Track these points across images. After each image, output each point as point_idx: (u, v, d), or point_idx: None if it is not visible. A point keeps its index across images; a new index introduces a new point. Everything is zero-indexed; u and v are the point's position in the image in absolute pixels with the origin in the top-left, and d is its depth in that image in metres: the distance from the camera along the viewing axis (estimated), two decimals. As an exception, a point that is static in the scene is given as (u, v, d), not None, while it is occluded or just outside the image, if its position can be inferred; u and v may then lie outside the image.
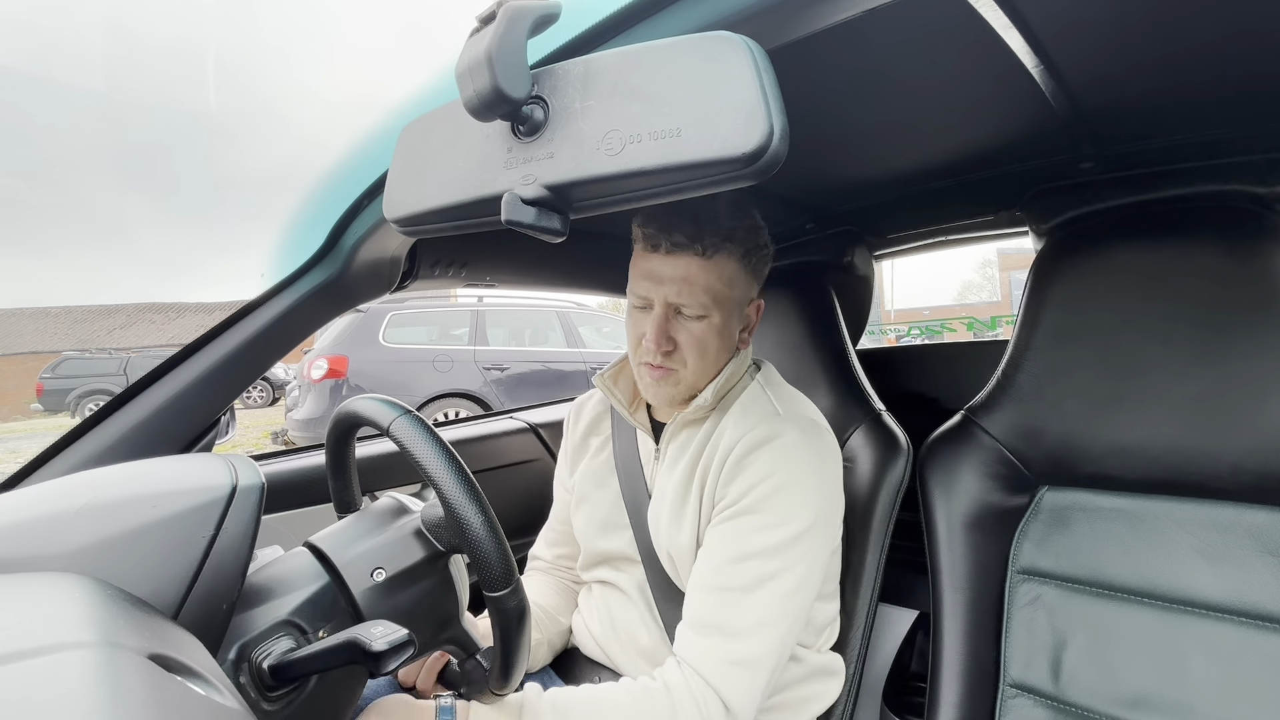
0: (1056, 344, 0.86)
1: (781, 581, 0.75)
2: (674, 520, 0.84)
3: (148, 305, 4.65)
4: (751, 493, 0.77)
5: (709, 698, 0.71)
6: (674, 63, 0.38)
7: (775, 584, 0.74)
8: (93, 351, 9.52)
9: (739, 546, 0.76)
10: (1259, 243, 0.74)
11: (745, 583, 0.74)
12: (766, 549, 0.75)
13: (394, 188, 0.51)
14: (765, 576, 0.74)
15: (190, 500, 0.52)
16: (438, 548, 0.67)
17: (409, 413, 0.63)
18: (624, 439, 0.94)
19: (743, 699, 0.72)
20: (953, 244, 1.45)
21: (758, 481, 0.77)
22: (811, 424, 0.83)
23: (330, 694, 0.61)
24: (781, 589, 0.75)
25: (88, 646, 0.34)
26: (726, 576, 0.75)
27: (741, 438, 0.79)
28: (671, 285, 0.78)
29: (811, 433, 0.82)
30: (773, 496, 0.76)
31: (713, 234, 0.77)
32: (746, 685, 0.72)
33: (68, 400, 9.05)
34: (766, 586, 0.74)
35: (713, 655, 0.73)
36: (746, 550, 0.75)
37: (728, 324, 0.82)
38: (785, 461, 0.77)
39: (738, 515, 0.77)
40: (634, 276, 0.83)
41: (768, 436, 0.78)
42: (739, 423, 0.82)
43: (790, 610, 0.75)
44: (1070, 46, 0.64)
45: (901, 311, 22.36)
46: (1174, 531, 0.77)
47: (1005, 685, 0.84)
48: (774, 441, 0.78)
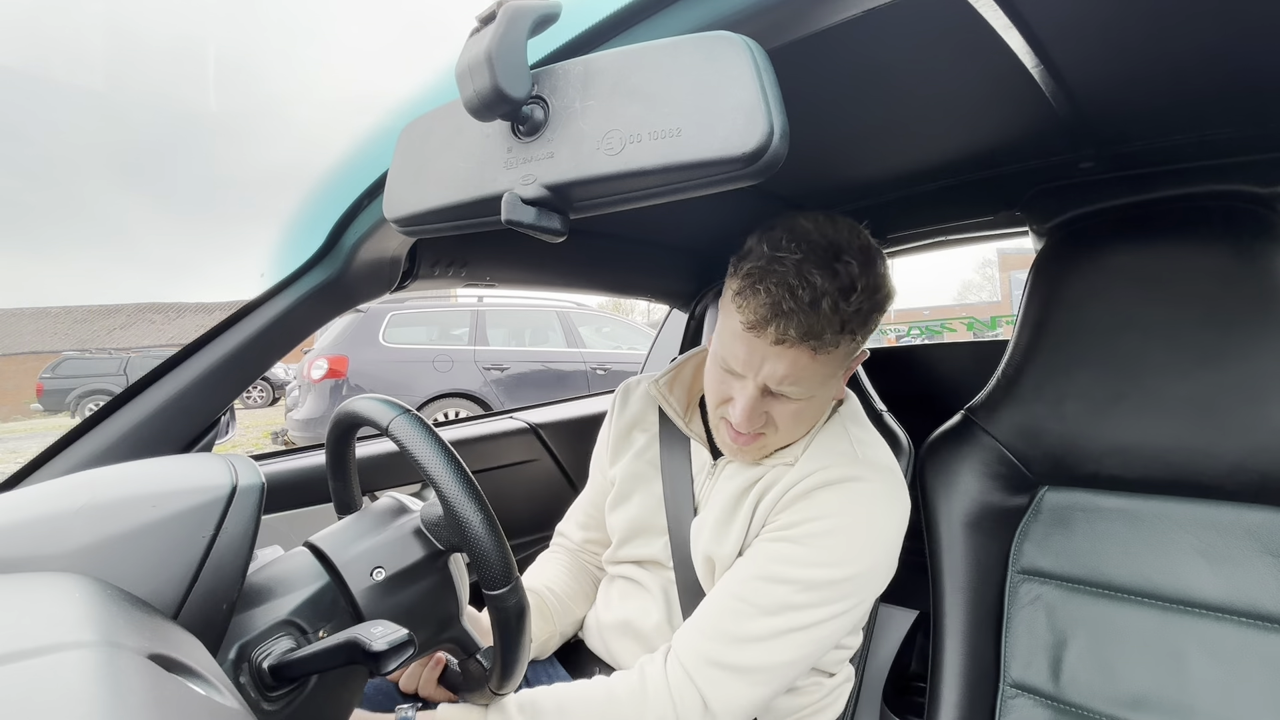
0: (1056, 344, 0.86)
1: (805, 616, 0.72)
2: (719, 530, 0.81)
3: (148, 305, 4.64)
4: (808, 524, 0.74)
5: (688, 693, 0.70)
6: (674, 63, 0.38)
7: (797, 616, 0.72)
8: (93, 351, 9.53)
9: (775, 569, 0.74)
10: (1259, 243, 0.74)
11: (768, 604, 0.73)
12: (802, 582, 0.73)
13: (394, 188, 0.51)
14: (789, 606, 0.72)
15: (190, 500, 0.52)
16: (437, 547, 0.67)
17: (408, 412, 0.63)
18: (673, 444, 0.90)
19: (725, 704, 0.71)
20: (953, 244, 1.45)
21: (818, 516, 0.74)
22: (889, 473, 0.79)
23: (330, 694, 0.61)
24: (802, 622, 0.72)
25: (88, 646, 0.34)
26: (751, 591, 0.74)
27: (814, 472, 0.76)
28: (773, 373, 0.70)
29: (886, 483, 0.78)
30: (829, 536, 0.74)
31: (830, 329, 0.68)
32: (733, 692, 0.71)
33: (68, 400, 9.05)
34: (787, 615, 0.72)
35: (707, 654, 0.72)
36: (782, 575, 0.73)
37: (824, 402, 0.77)
38: (851, 505, 0.75)
39: (786, 541, 0.75)
40: (726, 338, 0.74)
41: (841, 478, 0.75)
42: (814, 457, 0.78)
43: (803, 646, 0.73)
44: (1070, 46, 0.64)
45: (901, 311, 22.36)
46: (1174, 531, 0.77)
47: (1005, 685, 0.84)
48: (846, 484, 0.75)
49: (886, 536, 0.76)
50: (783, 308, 0.67)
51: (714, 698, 0.70)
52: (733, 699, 0.71)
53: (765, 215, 1.23)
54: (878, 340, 7.78)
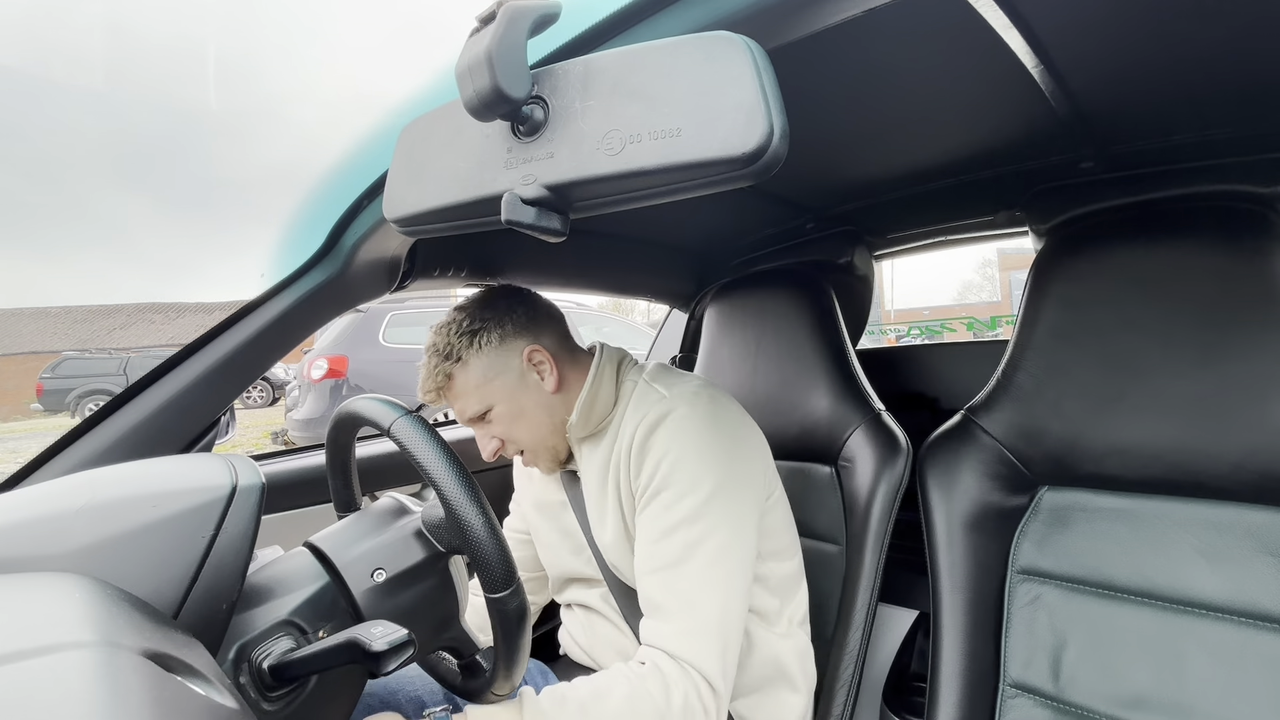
0: (1056, 344, 0.86)
1: (709, 545, 0.77)
2: (601, 522, 0.89)
3: (148, 305, 4.63)
4: (658, 472, 0.80)
5: (690, 675, 0.72)
6: (674, 63, 0.38)
7: (704, 547, 0.77)
8: (93, 351, 9.52)
9: (660, 523, 0.79)
10: (1259, 243, 0.74)
11: (676, 555, 0.77)
12: (685, 516, 0.78)
13: (394, 188, 0.51)
14: (692, 543, 0.77)
15: (190, 500, 0.52)
16: (438, 548, 0.67)
17: (410, 413, 0.63)
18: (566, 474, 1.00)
19: (716, 666, 0.74)
20: (953, 244, 1.45)
21: (660, 459, 0.80)
22: (696, 395, 0.85)
23: (330, 694, 0.61)
24: (712, 551, 0.77)
25: (87, 646, 0.34)
26: (658, 556, 0.78)
27: (638, 425, 0.83)
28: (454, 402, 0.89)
29: (699, 401, 0.84)
30: (676, 469, 0.79)
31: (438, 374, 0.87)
32: (714, 651, 0.74)
33: (68, 400, 9.04)
34: (696, 553, 0.77)
35: (674, 633, 0.75)
36: (669, 524, 0.78)
37: (512, 400, 0.89)
38: (679, 434, 0.81)
39: (653, 496, 0.81)
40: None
41: (658, 417, 0.82)
42: (632, 416, 0.86)
43: (729, 569, 0.77)
44: (1070, 46, 0.64)
45: (901, 311, 22.34)
46: (1174, 531, 0.77)
47: (1005, 685, 0.84)
48: (665, 420, 0.82)
49: (720, 443, 0.82)
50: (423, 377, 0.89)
51: (705, 666, 0.73)
52: (717, 658, 0.74)
53: (765, 215, 1.23)
54: (878, 340, 7.77)
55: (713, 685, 0.73)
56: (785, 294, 1.16)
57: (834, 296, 1.15)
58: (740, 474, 0.83)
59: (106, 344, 8.71)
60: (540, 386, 0.90)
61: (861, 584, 0.96)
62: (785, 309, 1.15)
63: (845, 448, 1.06)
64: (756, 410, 1.14)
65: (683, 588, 0.76)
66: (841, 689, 0.93)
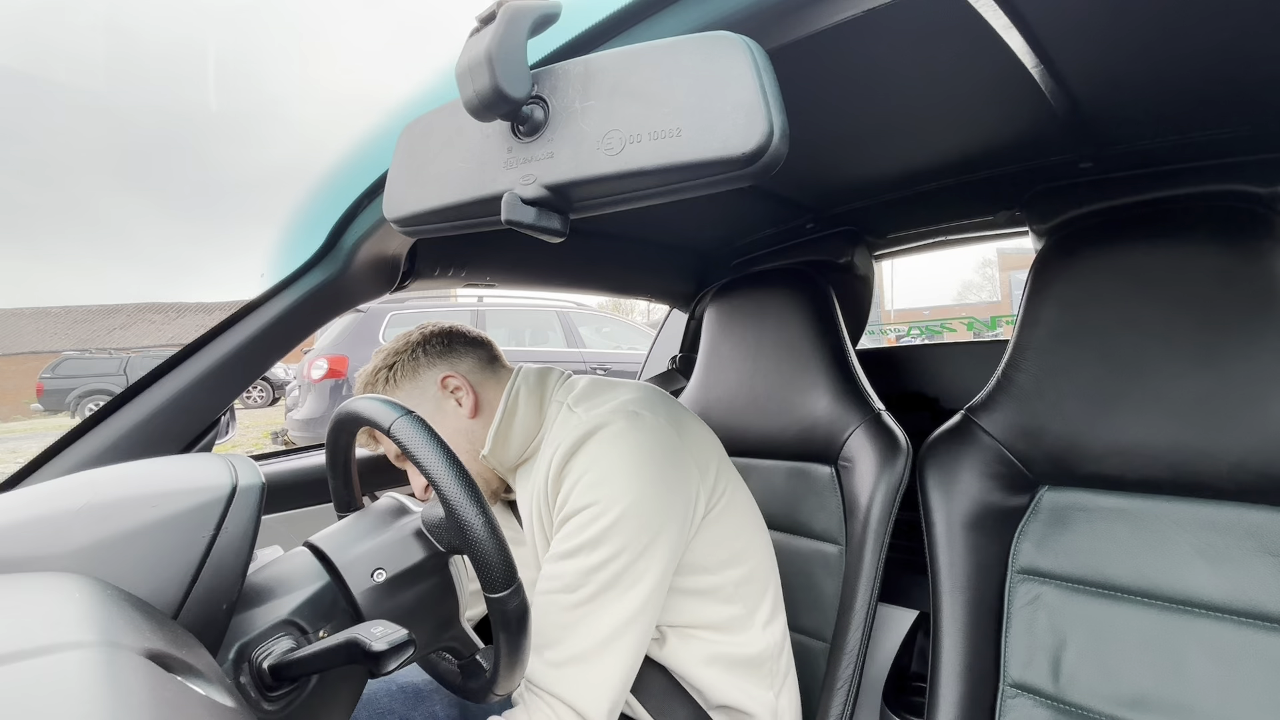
0: (1056, 344, 0.86)
1: (609, 569, 0.74)
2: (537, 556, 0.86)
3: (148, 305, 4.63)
4: (570, 497, 0.77)
5: (557, 709, 0.71)
6: (674, 63, 0.38)
7: (601, 573, 0.74)
8: (93, 351, 9.52)
9: (564, 547, 0.76)
10: (1259, 243, 0.74)
11: (570, 580, 0.74)
12: (587, 541, 0.75)
13: (394, 188, 0.51)
14: (589, 568, 0.74)
15: (190, 500, 0.52)
16: (438, 548, 0.67)
17: (410, 413, 0.63)
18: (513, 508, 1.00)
19: (591, 699, 0.71)
20: (953, 244, 1.46)
21: (574, 484, 0.77)
22: (615, 415, 0.81)
23: (330, 694, 0.61)
24: (608, 575, 0.73)
25: (87, 646, 0.34)
26: (551, 579, 0.76)
27: (554, 455, 0.80)
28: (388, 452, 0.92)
29: (616, 423, 0.80)
30: (587, 492, 0.76)
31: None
32: (591, 683, 0.71)
33: (68, 400, 9.04)
34: (591, 579, 0.74)
35: (548, 666, 0.72)
36: (568, 549, 0.76)
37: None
38: (593, 459, 0.78)
39: (562, 522, 0.78)
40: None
41: (573, 445, 0.79)
42: (549, 446, 0.84)
43: (630, 598, 0.74)
44: (1070, 47, 0.64)
45: (901, 311, 22.34)
46: (1174, 531, 0.77)
47: (1005, 685, 0.84)
48: (581, 447, 0.79)
49: (637, 465, 0.77)
50: None
51: (578, 698, 0.71)
52: (594, 690, 0.71)
53: (765, 215, 1.23)
54: (878, 341, 7.77)
55: (584, 717, 0.71)
56: (785, 294, 1.16)
57: (834, 296, 1.15)
58: (662, 495, 0.78)
59: (106, 344, 8.71)
60: (458, 412, 0.90)
61: (861, 584, 0.96)
62: (785, 309, 1.15)
63: (845, 448, 1.06)
64: (756, 410, 1.14)
65: (565, 616, 0.73)
66: (841, 689, 0.93)
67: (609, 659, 0.72)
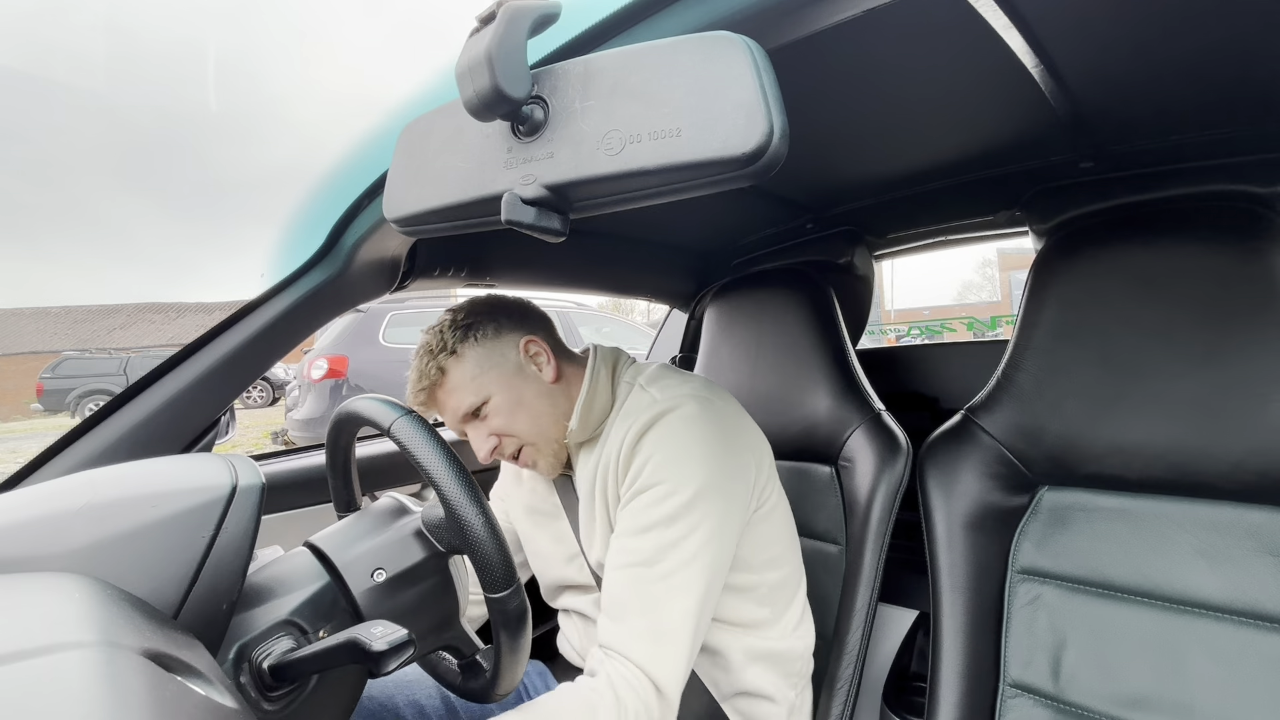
0: (1056, 344, 0.86)
1: (682, 549, 0.75)
2: (590, 530, 0.88)
3: (148, 305, 4.63)
4: (643, 472, 0.79)
5: (637, 679, 0.71)
6: (674, 63, 0.38)
7: (676, 551, 0.75)
8: (93, 351, 9.52)
9: (638, 521, 0.78)
10: (1259, 243, 0.74)
11: (648, 555, 0.75)
12: (664, 517, 0.76)
13: (394, 188, 0.51)
14: (667, 545, 0.75)
15: (190, 500, 0.52)
16: (438, 549, 0.67)
17: (410, 413, 0.63)
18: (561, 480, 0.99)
19: (668, 672, 0.72)
20: (953, 244, 1.45)
21: (646, 460, 0.79)
22: (688, 398, 0.83)
23: (330, 694, 0.61)
24: (684, 556, 0.75)
25: (87, 646, 0.34)
26: (631, 553, 0.77)
27: (628, 430, 0.82)
28: (443, 414, 0.89)
29: (689, 406, 0.82)
30: (661, 469, 0.78)
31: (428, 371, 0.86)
32: (669, 657, 0.73)
33: (68, 400, 9.04)
34: (669, 557, 0.75)
35: (630, 634, 0.73)
36: (645, 523, 0.77)
37: (510, 389, 0.87)
38: (667, 437, 0.80)
39: (635, 495, 0.79)
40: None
41: (649, 421, 0.81)
42: (622, 423, 0.85)
43: (697, 580, 0.75)
44: (1070, 47, 0.64)
45: (901, 311, 22.33)
46: (1174, 531, 0.77)
47: (1005, 685, 0.84)
48: (656, 423, 0.81)
49: (709, 447, 0.80)
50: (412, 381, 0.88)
51: (657, 672, 0.72)
52: (670, 665, 0.72)
53: (765, 215, 1.23)
54: (878, 341, 7.78)
55: (662, 691, 0.71)
56: (785, 294, 1.16)
57: (834, 296, 1.15)
58: (727, 482, 0.81)
59: (106, 344, 8.71)
60: (539, 377, 0.89)
61: (861, 584, 0.96)
62: (785, 309, 1.15)
63: (845, 448, 1.06)
64: (756, 410, 1.14)
65: (649, 589, 0.74)
66: (841, 689, 0.93)
67: (682, 634, 0.74)
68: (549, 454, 0.90)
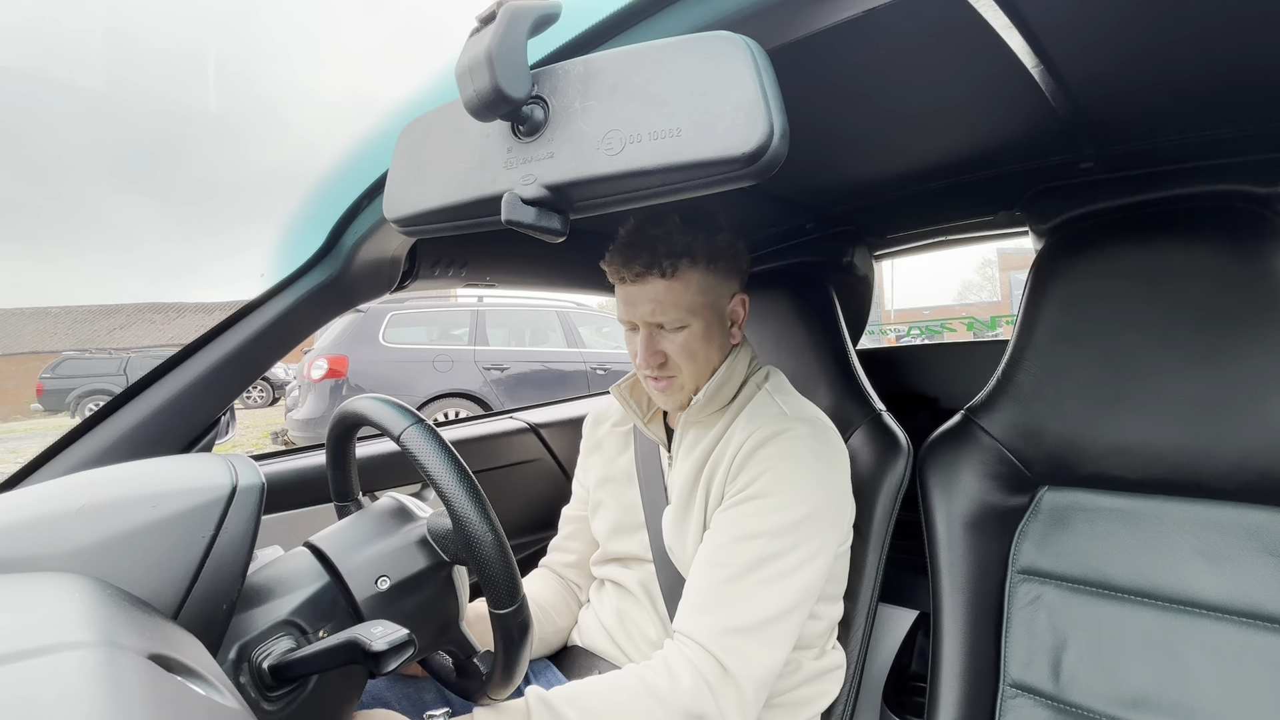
0: (1056, 344, 0.86)
1: (783, 562, 0.76)
2: (681, 518, 0.87)
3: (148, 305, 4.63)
4: (759, 480, 0.79)
5: (706, 662, 0.72)
6: (674, 63, 0.38)
7: (776, 563, 0.76)
8: (93, 351, 9.52)
9: (744, 527, 0.78)
10: (1259, 243, 0.74)
11: (748, 561, 0.76)
12: (771, 529, 0.77)
13: (394, 188, 0.51)
14: (768, 556, 0.76)
15: (190, 500, 0.52)
16: (442, 557, 0.67)
17: (420, 421, 0.62)
18: (645, 445, 0.98)
19: (741, 663, 0.72)
20: (953, 244, 1.45)
21: (765, 470, 0.79)
22: (817, 422, 0.86)
23: (330, 694, 0.61)
24: (783, 568, 0.76)
25: (88, 646, 0.34)
26: (730, 555, 0.77)
27: (751, 435, 0.82)
28: (645, 307, 0.84)
29: (818, 430, 0.84)
30: (779, 482, 0.79)
31: (668, 255, 0.81)
32: (750, 654, 0.73)
33: (68, 400, 9.04)
34: (768, 565, 0.76)
35: (712, 626, 0.74)
36: (751, 531, 0.77)
37: (710, 327, 0.86)
38: (791, 453, 0.80)
39: (744, 500, 0.79)
40: (617, 302, 0.88)
41: (775, 433, 0.81)
42: (748, 424, 0.84)
43: (791, 592, 0.76)
44: (1070, 46, 0.64)
45: (901, 311, 22.34)
46: (1174, 531, 0.77)
47: (1005, 685, 0.84)
48: (781, 436, 0.81)
49: (830, 475, 0.83)
50: (631, 252, 0.82)
51: (734, 666, 0.72)
52: (752, 661, 0.73)
53: (765, 215, 1.23)
54: (878, 341, 7.79)
55: (729, 671, 0.71)
56: (785, 294, 1.16)
57: (834, 296, 1.15)
58: (832, 511, 0.82)
59: (106, 344, 8.71)
60: (727, 334, 0.90)
61: (862, 584, 0.96)
62: (785, 309, 1.15)
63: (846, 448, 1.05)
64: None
65: (743, 589, 0.75)
66: (842, 689, 0.93)
67: (765, 633, 0.74)
68: (685, 398, 0.89)
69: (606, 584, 0.99)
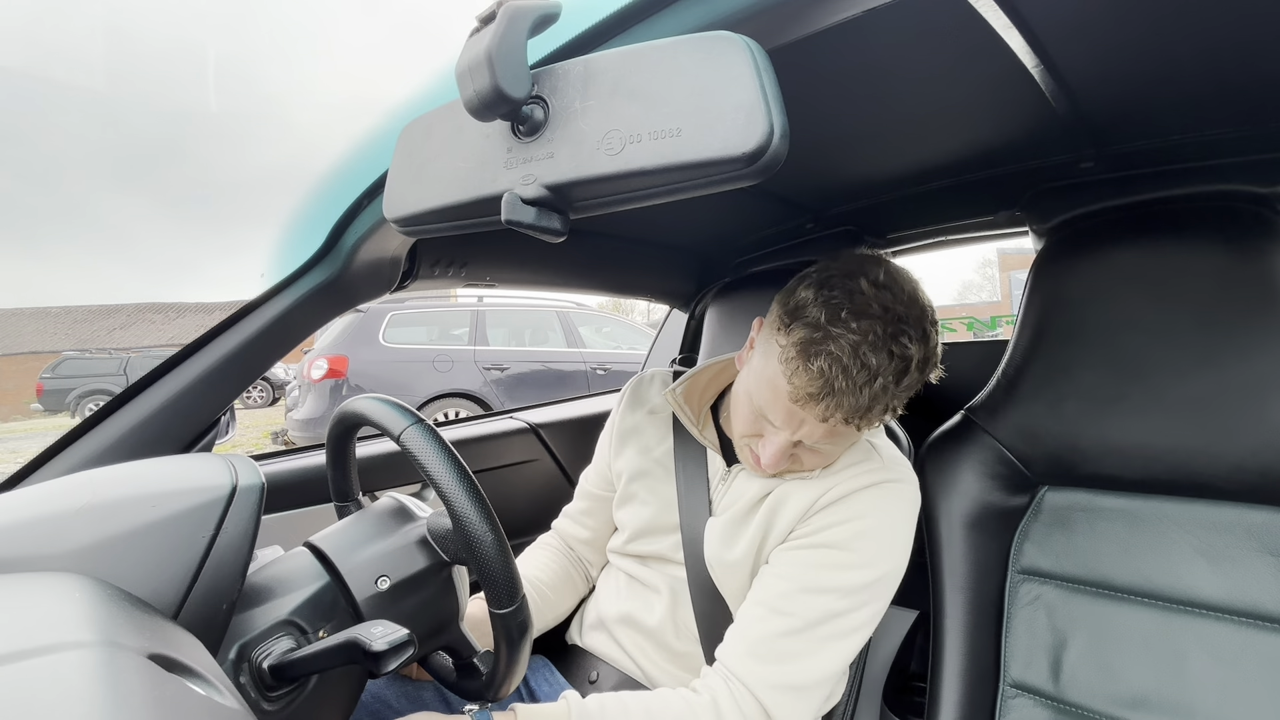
0: (1056, 344, 0.86)
1: (846, 621, 0.75)
2: (729, 534, 0.83)
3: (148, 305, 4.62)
4: (839, 528, 0.76)
5: (756, 714, 0.72)
6: (674, 63, 0.38)
7: (839, 622, 0.75)
8: (93, 351, 9.52)
9: (817, 579, 0.76)
10: (1259, 243, 0.74)
11: (815, 616, 0.75)
12: (843, 588, 0.75)
13: (394, 188, 0.51)
14: (834, 613, 0.75)
15: (190, 500, 0.52)
16: (443, 558, 0.67)
17: (420, 421, 0.62)
18: (688, 448, 0.91)
19: (785, 715, 0.72)
20: (953, 244, 1.45)
21: (853, 518, 0.77)
22: (908, 471, 0.83)
23: (330, 694, 0.61)
24: (844, 628, 0.75)
25: (88, 646, 0.34)
26: (798, 605, 0.75)
27: (844, 479, 0.79)
28: (811, 434, 0.72)
29: (911, 482, 0.82)
30: (862, 537, 0.76)
31: (878, 409, 0.69)
32: (796, 710, 0.73)
33: (68, 400, 9.04)
34: (831, 623, 0.75)
35: (768, 678, 0.73)
36: (824, 585, 0.75)
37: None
38: (883, 506, 0.78)
39: (821, 546, 0.77)
40: (766, 393, 0.73)
41: (875, 481, 0.79)
42: (837, 468, 0.80)
43: (845, 652, 0.76)
44: (1070, 46, 0.64)
45: (901, 311, 22.22)
46: (1174, 531, 0.77)
47: (1005, 685, 0.84)
48: (881, 486, 0.79)
49: (909, 533, 0.80)
50: (834, 387, 0.67)
51: (776, 710, 0.72)
52: (789, 709, 0.73)
53: (765, 215, 1.23)
54: (878, 340, 7.67)
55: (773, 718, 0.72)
56: (785, 294, 1.16)
57: (834, 296, 1.15)
58: (900, 572, 0.80)
59: (106, 344, 8.71)
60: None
61: (861, 584, 0.96)
62: (785, 309, 1.15)
63: (845, 448, 1.05)
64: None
65: (804, 647, 0.74)
66: (841, 689, 0.93)
67: (814, 691, 0.74)
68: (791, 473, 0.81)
69: (620, 574, 0.95)
